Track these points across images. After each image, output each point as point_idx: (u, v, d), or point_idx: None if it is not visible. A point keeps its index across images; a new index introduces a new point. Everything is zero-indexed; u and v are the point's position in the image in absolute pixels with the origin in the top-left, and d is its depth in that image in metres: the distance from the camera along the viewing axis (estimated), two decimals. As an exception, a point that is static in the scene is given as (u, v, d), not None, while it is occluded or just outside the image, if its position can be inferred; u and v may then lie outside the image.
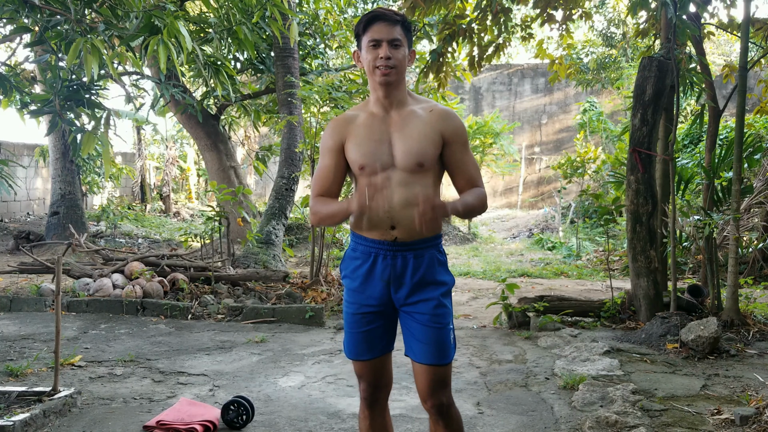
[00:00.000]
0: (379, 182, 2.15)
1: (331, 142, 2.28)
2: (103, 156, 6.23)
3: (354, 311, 2.30)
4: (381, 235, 2.22)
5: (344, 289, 2.34)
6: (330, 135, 2.29)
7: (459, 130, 2.26)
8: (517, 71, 18.74)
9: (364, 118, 2.27)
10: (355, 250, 2.29)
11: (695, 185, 8.62)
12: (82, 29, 5.06)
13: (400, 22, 2.20)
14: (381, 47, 2.17)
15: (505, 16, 7.07)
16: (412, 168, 2.19)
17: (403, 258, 2.22)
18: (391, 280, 2.23)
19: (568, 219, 13.44)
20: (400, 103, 2.25)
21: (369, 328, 2.28)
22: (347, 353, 2.35)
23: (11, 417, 3.13)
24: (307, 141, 6.96)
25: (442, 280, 2.26)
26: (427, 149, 2.20)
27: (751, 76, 14.04)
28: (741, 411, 3.25)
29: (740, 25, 5.72)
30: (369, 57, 2.19)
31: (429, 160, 2.20)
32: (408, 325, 2.28)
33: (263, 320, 5.85)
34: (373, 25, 2.19)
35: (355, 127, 2.26)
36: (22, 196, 13.55)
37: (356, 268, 2.28)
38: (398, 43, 2.18)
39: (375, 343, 2.30)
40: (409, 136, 2.20)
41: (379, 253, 2.23)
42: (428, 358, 2.23)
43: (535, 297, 5.86)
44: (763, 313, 5.56)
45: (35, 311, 6.16)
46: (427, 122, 2.23)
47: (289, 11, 6.95)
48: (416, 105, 2.27)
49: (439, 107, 2.27)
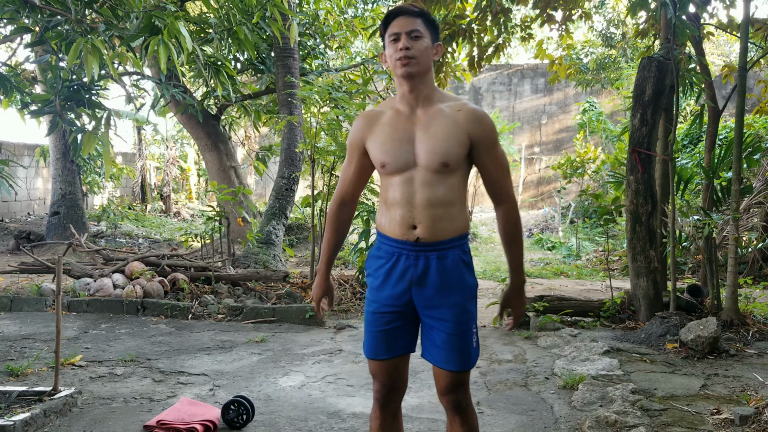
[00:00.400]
0: (401, 182, 2.16)
1: (355, 139, 2.28)
2: (104, 156, 6.24)
3: (374, 310, 2.25)
4: (403, 235, 2.17)
5: (367, 287, 2.31)
6: (354, 132, 2.29)
7: (488, 132, 2.18)
8: (517, 71, 18.74)
9: (390, 115, 2.23)
10: (380, 249, 2.26)
11: (695, 185, 8.63)
12: (82, 29, 5.06)
13: (421, 15, 2.17)
14: (400, 40, 2.14)
15: (505, 17, 7.07)
16: (435, 168, 2.13)
17: (426, 259, 2.17)
18: (413, 281, 2.18)
19: (568, 219, 13.45)
20: (426, 99, 2.19)
21: (388, 327, 2.23)
22: (365, 352, 2.30)
23: (12, 417, 3.13)
24: (308, 141, 6.96)
25: (466, 284, 2.20)
26: (452, 149, 2.13)
27: (750, 76, 14.05)
28: (740, 411, 3.26)
29: (740, 25, 5.72)
30: (390, 51, 2.16)
31: (454, 160, 2.14)
32: (429, 331, 2.23)
33: (263, 320, 5.86)
34: (394, 21, 2.17)
35: (379, 124, 2.23)
36: (23, 196, 13.56)
37: (379, 267, 2.24)
38: (418, 35, 2.13)
39: (393, 342, 2.24)
40: (433, 135, 2.14)
41: (401, 254, 2.19)
42: (450, 365, 2.20)
43: (534, 297, 5.86)
44: (762, 313, 5.57)
45: (36, 311, 6.16)
46: (454, 122, 2.15)
47: (290, 11, 6.96)
48: (444, 103, 2.20)
49: (468, 106, 2.20)
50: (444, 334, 2.19)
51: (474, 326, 2.23)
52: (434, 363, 2.23)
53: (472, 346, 2.22)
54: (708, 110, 6.39)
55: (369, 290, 2.29)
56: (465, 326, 2.19)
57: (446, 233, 2.17)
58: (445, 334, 2.19)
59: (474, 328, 2.23)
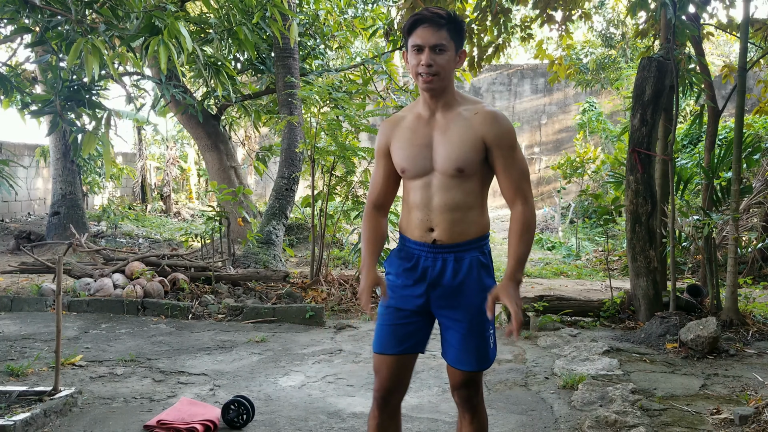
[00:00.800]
0: (420, 186, 2.18)
1: (380, 144, 2.31)
2: (104, 156, 6.25)
3: (389, 304, 2.27)
4: (421, 237, 2.21)
5: (386, 284, 2.31)
6: (379, 137, 2.32)
7: (504, 135, 2.14)
8: (517, 71, 18.75)
9: (410, 119, 2.24)
10: (401, 250, 2.29)
11: (694, 185, 8.63)
12: (82, 30, 5.07)
13: (446, 24, 2.11)
14: (423, 53, 2.10)
15: (505, 17, 7.08)
16: (451, 173, 2.14)
17: (443, 261, 2.19)
18: (430, 282, 2.20)
19: (568, 219, 13.45)
20: (446, 104, 2.19)
21: (402, 322, 2.25)
22: (374, 346, 2.29)
23: (12, 417, 3.13)
24: (308, 141, 6.97)
25: (484, 285, 2.20)
26: (467, 155, 2.13)
27: (750, 76, 14.05)
28: (740, 410, 3.26)
29: (739, 25, 5.73)
30: (413, 62, 2.14)
31: (470, 165, 2.14)
32: (446, 331, 2.25)
33: (263, 320, 5.86)
34: (417, 29, 2.11)
35: (401, 129, 2.25)
36: (23, 196, 13.56)
37: (399, 266, 2.27)
38: (442, 48, 2.10)
39: (405, 339, 2.24)
40: (449, 140, 2.14)
41: (420, 255, 2.22)
42: (464, 365, 2.21)
43: (534, 297, 5.87)
44: (762, 313, 5.57)
45: (36, 311, 6.17)
46: (470, 126, 2.14)
47: (289, 12, 6.97)
48: (463, 106, 2.19)
49: (485, 109, 2.17)
50: (459, 335, 2.21)
51: (491, 327, 2.24)
52: (449, 362, 2.25)
53: (489, 347, 2.24)
54: (708, 110, 6.40)
55: (387, 287, 2.30)
56: (482, 327, 2.21)
57: (464, 236, 2.19)
58: (460, 335, 2.21)
59: (491, 329, 2.24)
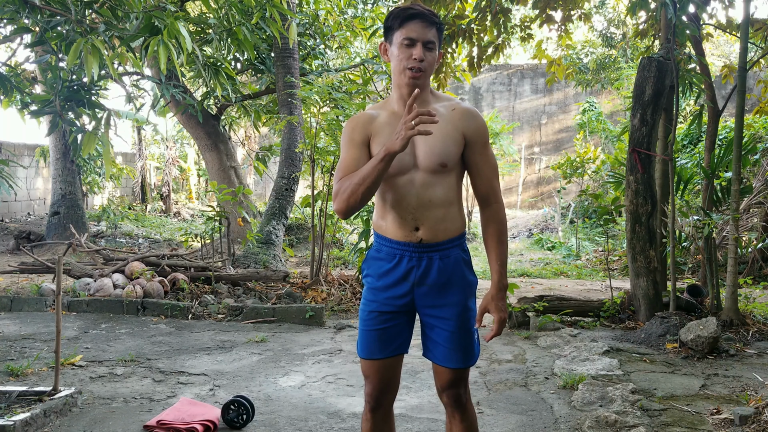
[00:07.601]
0: (402, 184, 2.15)
1: (358, 137, 2.19)
2: (104, 156, 6.25)
3: (372, 309, 2.24)
4: (405, 237, 2.17)
5: (365, 287, 2.29)
6: (355, 131, 2.20)
7: (481, 130, 2.20)
8: (517, 71, 18.74)
9: (386, 116, 2.21)
10: (379, 251, 2.24)
11: (694, 185, 8.62)
12: (82, 30, 5.07)
13: (436, 23, 2.15)
14: (415, 47, 2.11)
15: (505, 17, 7.08)
16: (434, 168, 2.14)
17: (429, 259, 2.18)
18: (415, 282, 2.19)
19: (568, 219, 13.45)
20: (423, 102, 2.18)
21: (385, 326, 2.23)
22: (359, 352, 2.29)
23: (12, 417, 3.13)
24: (307, 141, 6.97)
25: (467, 281, 2.22)
26: (449, 149, 2.15)
27: (750, 76, 14.05)
28: (740, 411, 3.26)
29: (739, 25, 5.73)
30: (401, 55, 2.13)
31: (452, 159, 2.16)
32: (431, 330, 2.24)
33: (263, 320, 5.86)
34: (410, 22, 2.12)
35: (378, 125, 2.20)
36: (23, 196, 13.55)
37: (379, 268, 2.23)
38: (432, 46, 2.13)
39: (389, 342, 2.24)
40: (431, 136, 2.11)
41: (404, 255, 2.18)
42: (452, 363, 2.21)
43: (534, 297, 5.87)
44: (762, 313, 5.57)
45: (36, 311, 6.17)
46: (450, 121, 2.17)
47: (289, 12, 6.96)
48: (438, 103, 2.21)
49: (461, 106, 2.22)
50: (446, 333, 2.20)
51: (474, 321, 2.25)
52: (436, 362, 2.24)
53: (475, 342, 2.25)
54: (708, 110, 6.40)
55: (367, 290, 2.28)
56: (468, 324, 2.21)
57: (447, 233, 2.19)
58: (447, 333, 2.20)
59: (475, 326, 2.25)
